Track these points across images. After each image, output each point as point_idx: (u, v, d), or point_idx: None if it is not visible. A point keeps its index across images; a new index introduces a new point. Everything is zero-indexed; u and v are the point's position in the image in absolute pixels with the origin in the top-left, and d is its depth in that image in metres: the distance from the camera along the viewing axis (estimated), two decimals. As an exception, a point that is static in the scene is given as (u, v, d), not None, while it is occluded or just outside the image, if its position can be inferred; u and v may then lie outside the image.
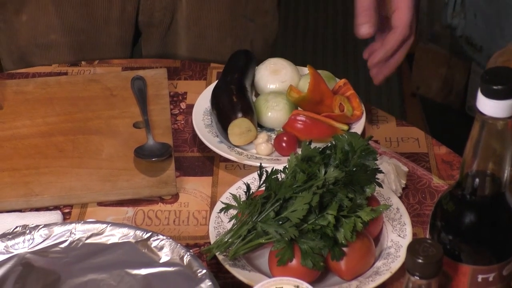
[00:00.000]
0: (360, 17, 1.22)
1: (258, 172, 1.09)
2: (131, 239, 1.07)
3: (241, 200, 1.09)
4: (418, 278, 0.82)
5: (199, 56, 1.53)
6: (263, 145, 1.26)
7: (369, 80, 1.29)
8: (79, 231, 1.08)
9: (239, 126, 1.26)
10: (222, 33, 1.53)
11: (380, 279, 1.05)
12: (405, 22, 1.24)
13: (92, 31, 1.50)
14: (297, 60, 1.41)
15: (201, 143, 1.29)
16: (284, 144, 1.26)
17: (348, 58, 3.13)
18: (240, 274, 1.05)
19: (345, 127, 1.28)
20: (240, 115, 1.27)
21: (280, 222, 1.04)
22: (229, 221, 1.11)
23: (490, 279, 0.90)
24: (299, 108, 1.32)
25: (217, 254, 1.07)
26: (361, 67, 3.00)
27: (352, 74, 2.98)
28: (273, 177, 1.08)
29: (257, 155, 1.26)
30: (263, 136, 1.28)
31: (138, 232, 1.07)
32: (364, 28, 1.22)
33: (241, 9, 1.52)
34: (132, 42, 1.56)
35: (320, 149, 1.08)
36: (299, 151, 1.11)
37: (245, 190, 1.09)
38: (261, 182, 1.08)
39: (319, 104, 1.29)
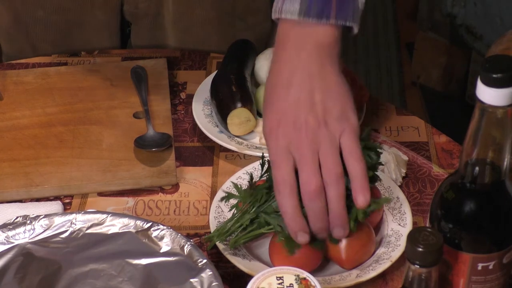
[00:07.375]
0: (291, 225, 1.02)
1: (260, 162, 1.09)
2: (132, 229, 1.07)
3: (242, 189, 1.09)
4: (418, 266, 0.82)
5: (186, 48, 1.51)
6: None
7: (368, 68, 1.29)
8: (79, 221, 1.08)
9: (239, 116, 1.26)
10: (208, 30, 1.51)
11: (381, 268, 1.05)
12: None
13: (78, 11, 1.49)
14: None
15: (201, 133, 1.29)
16: None
17: (348, 47, 3.13)
18: (240, 263, 1.06)
19: None
20: (239, 105, 1.27)
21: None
22: (229, 210, 1.11)
23: (490, 267, 0.90)
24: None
25: (217, 243, 1.07)
26: (360, 56, 3.01)
27: (351, 62, 2.99)
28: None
29: (257, 144, 1.26)
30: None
31: (139, 222, 1.07)
32: (300, 236, 1.02)
33: (228, 7, 1.49)
34: (120, 30, 1.54)
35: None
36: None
37: (249, 180, 1.09)
38: (263, 172, 1.08)
39: None
